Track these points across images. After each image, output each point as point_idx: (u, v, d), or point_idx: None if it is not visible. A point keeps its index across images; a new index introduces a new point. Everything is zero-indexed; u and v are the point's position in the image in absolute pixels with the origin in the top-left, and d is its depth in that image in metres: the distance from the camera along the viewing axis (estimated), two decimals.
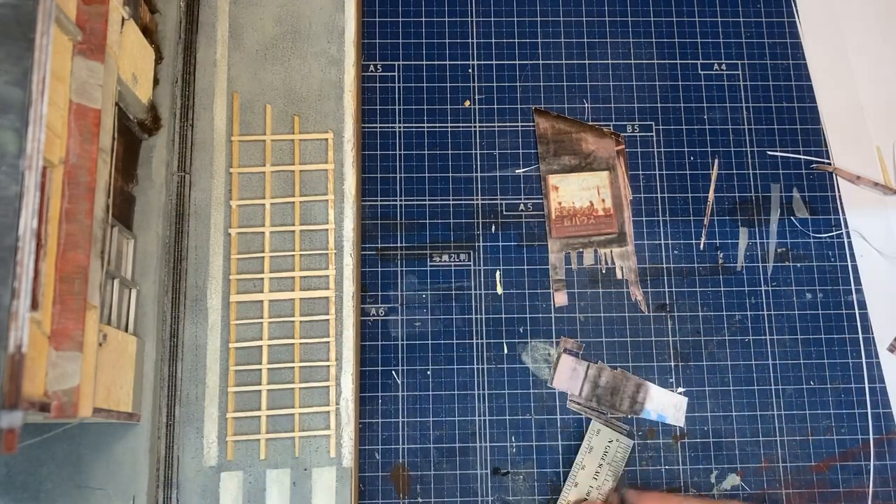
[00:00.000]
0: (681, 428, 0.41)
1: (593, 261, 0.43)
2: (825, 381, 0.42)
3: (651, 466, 0.41)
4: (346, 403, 0.39)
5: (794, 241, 0.44)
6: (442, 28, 0.46)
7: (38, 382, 0.27)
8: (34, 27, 0.25)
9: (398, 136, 0.44)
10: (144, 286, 0.38)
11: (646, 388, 0.41)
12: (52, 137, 0.28)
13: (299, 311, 0.40)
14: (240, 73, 0.42)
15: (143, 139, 0.39)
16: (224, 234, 0.40)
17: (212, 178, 0.41)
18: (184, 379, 0.39)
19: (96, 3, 0.31)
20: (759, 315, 0.43)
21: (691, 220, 0.44)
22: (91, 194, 0.29)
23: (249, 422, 0.38)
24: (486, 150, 0.44)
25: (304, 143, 0.41)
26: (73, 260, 0.29)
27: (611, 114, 0.45)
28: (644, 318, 0.43)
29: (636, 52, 0.46)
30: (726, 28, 0.47)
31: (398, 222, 0.43)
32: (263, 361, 0.39)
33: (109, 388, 0.33)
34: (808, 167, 0.45)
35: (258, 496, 0.37)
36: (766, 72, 0.46)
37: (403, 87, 0.45)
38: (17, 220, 0.24)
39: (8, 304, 0.24)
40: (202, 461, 0.38)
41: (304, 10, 0.43)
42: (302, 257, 0.40)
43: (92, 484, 0.35)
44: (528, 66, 0.46)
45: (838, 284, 0.43)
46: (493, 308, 0.42)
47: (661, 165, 0.45)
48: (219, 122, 0.41)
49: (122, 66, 0.34)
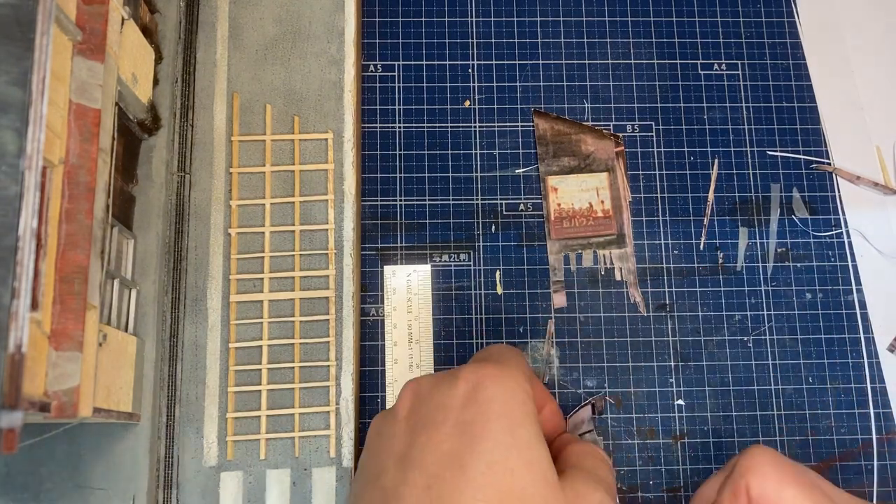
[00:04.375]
0: (681, 428, 0.41)
1: (592, 262, 0.43)
2: (825, 381, 0.42)
3: (651, 466, 0.41)
4: (346, 403, 0.39)
5: (794, 241, 0.44)
6: (442, 28, 0.46)
7: (38, 382, 0.27)
8: (34, 27, 0.25)
9: (398, 136, 0.44)
10: (144, 286, 0.38)
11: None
12: (52, 137, 0.28)
13: (299, 311, 0.40)
14: (240, 73, 0.42)
15: (143, 139, 0.39)
16: (224, 234, 0.40)
17: (212, 178, 0.41)
18: (184, 379, 0.39)
19: (96, 3, 0.31)
20: (759, 315, 0.43)
21: (691, 220, 0.44)
22: (91, 194, 0.29)
23: (249, 422, 0.38)
24: (485, 150, 0.44)
25: (304, 143, 0.41)
26: (73, 260, 0.29)
27: (611, 114, 0.45)
28: (644, 318, 0.43)
29: (636, 52, 0.46)
30: (726, 28, 0.47)
31: (398, 222, 0.43)
32: (263, 361, 0.39)
33: (109, 388, 0.33)
34: (808, 167, 0.45)
35: (258, 496, 0.37)
36: (766, 72, 0.46)
37: (403, 87, 0.45)
38: (17, 220, 0.24)
39: (8, 304, 0.24)
40: (202, 461, 0.38)
41: (304, 10, 0.43)
42: (302, 257, 0.40)
43: (92, 484, 0.35)
44: (528, 66, 0.46)
45: (838, 284, 0.43)
46: (493, 308, 0.42)
47: (660, 165, 0.45)
48: (219, 122, 0.41)
49: (122, 66, 0.34)
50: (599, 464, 0.31)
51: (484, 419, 0.28)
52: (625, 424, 0.41)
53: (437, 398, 0.29)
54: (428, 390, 0.30)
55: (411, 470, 0.28)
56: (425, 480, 0.27)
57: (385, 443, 0.30)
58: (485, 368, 0.30)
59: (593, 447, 0.33)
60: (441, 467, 0.27)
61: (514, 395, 0.29)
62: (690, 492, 0.41)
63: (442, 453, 0.28)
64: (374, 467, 0.30)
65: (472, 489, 0.27)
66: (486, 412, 0.28)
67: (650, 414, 0.41)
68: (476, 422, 0.28)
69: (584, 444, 0.33)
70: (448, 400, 0.29)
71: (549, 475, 0.28)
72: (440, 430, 0.28)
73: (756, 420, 0.42)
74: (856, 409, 0.42)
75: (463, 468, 0.27)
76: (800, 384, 0.42)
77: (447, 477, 0.27)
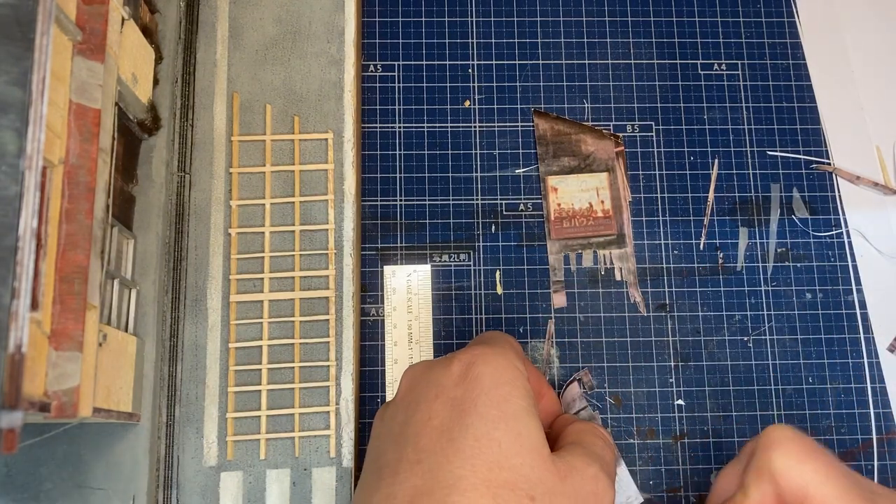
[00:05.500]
0: (681, 428, 0.41)
1: (592, 262, 0.43)
2: (825, 381, 0.42)
3: (651, 466, 0.41)
4: (346, 403, 0.39)
5: (794, 241, 0.44)
6: (442, 28, 0.46)
7: (38, 382, 0.27)
8: (34, 27, 0.25)
9: (398, 136, 0.44)
10: (144, 286, 0.38)
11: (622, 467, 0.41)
12: (52, 137, 0.28)
13: (299, 311, 0.40)
14: (240, 73, 0.42)
15: (143, 139, 0.39)
16: (224, 234, 0.40)
17: (212, 178, 0.41)
18: (184, 379, 0.39)
19: (96, 3, 0.31)
20: (759, 315, 0.43)
21: (691, 220, 0.44)
22: (91, 194, 0.29)
23: (249, 422, 0.38)
24: (485, 150, 0.44)
25: (304, 143, 0.41)
26: (73, 260, 0.29)
27: (610, 114, 0.45)
28: (644, 318, 0.43)
29: (636, 52, 0.46)
30: (726, 28, 0.47)
31: (398, 222, 0.43)
32: (263, 361, 0.39)
33: (109, 388, 0.33)
34: (808, 167, 0.45)
35: (258, 496, 0.37)
36: (766, 72, 0.46)
37: (403, 87, 0.45)
38: (17, 220, 0.24)
39: (8, 304, 0.24)
40: (202, 461, 0.38)
41: (304, 10, 0.43)
42: (302, 257, 0.40)
43: (92, 484, 0.35)
44: (528, 66, 0.46)
45: (838, 284, 0.43)
46: (493, 308, 0.42)
47: (660, 165, 0.45)
48: (219, 122, 0.41)
49: (122, 66, 0.34)
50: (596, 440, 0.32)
51: (473, 395, 0.29)
52: (625, 424, 0.41)
53: (432, 378, 0.30)
54: (422, 372, 0.31)
55: (405, 446, 0.28)
56: (417, 455, 0.28)
57: (385, 426, 0.31)
58: (477, 349, 0.30)
59: (592, 425, 0.34)
60: (432, 441, 0.28)
61: (503, 371, 0.29)
62: (690, 492, 0.41)
63: (432, 428, 0.28)
64: (376, 450, 0.31)
65: (460, 460, 0.27)
66: (476, 388, 0.29)
67: (650, 414, 0.41)
68: (466, 398, 0.29)
69: (582, 423, 0.34)
70: (442, 379, 0.30)
71: (539, 447, 0.28)
72: (432, 407, 0.29)
73: (756, 420, 0.42)
74: (856, 409, 0.42)
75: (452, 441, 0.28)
76: (800, 384, 0.42)
77: (437, 450, 0.27)
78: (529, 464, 0.27)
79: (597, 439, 0.32)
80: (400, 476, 0.27)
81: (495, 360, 0.30)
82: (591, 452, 0.30)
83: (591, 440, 0.32)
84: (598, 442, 0.32)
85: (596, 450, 0.31)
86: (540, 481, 0.27)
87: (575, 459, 0.29)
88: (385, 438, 0.30)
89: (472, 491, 0.26)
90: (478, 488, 0.26)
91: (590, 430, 0.33)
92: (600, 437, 0.32)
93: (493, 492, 0.26)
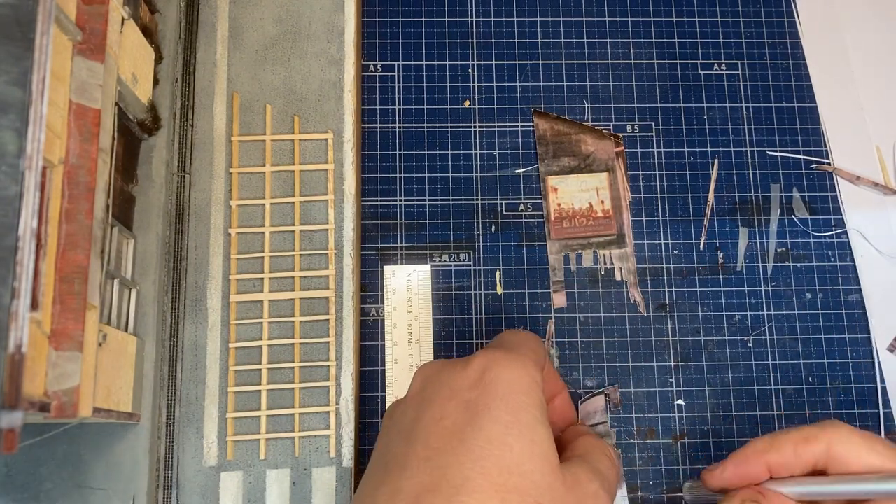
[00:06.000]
0: (681, 428, 0.41)
1: (592, 262, 0.43)
2: (825, 381, 0.42)
3: (651, 466, 0.41)
4: (346, 403, 0.39)
5: (794, 241, 0.44)
6: (442, 28, 0.46)
7: (38, 382, 0.27)
8: (34, 27, 0.25)
9: (398, 136, 0.44)
10: (144, 286, 0.38)
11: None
12: (52, 137, 0.28)
13: (299, 311, 0.40)
14: (240, 73, 0.42)
15: (143, 139, 0.39)
16: (224, 234, 0.40)
17: (212, 178, 0.41)
18: (184, 379, 0.39)
19: (96, 3, 0.31)
20: (759, 315, 0.43)
21: (691, 220, 0.44)
22: (91, 194, 0.29)
23: (249, 422, 0.38)
24: (486, 150, 0.44)
25: (303, 143, 0.41)
26: (73, 260, 0.29)
27: (610, 114, 0.45)
28: (644, 318, 0.43)
29: (636, 52, 0.46)
30: (726, 28, 0.47)
31: (398, 222, 0.43)
32: (263, 361, 0.39)
33: (109, 388, 0.33)
34: (808, 167, 0.45)
35: (258, 496, 0.37)
36: (766, 72, 0.46)
37: (403, 87, 0.45)
38: (17, 220, 0.24)
39: (8, 304, 0.24)
40: (202, 461, 0.38)
41: (304, 10, 0.43)
42: (302, 257, 0.40)
43: (92, 484, 0.35)
44: (528, 66, 0.46)
45: (838, 284, 0.43)
46: (493, 308, 0.42)
47: (660, 165, 0.45)
48: (219, 122, 0.41)
49: (122, 66, 0.34)
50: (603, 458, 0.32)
51: (487, 398, 0.29)
52: (625, 424, 0.41)
53: (446, 379, 0.30)
54: (437, 372, 0.31)
55: (415, 443, 0.28)
56: (426, 453, 0.28)
57: (395, 422, 0.31)
58: (494, 353, 0.30)
59: (602, 442, 0.33)
60: (442, 440, 0.28)
61: (519, 380, 0.29)
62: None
63: (444, 428, 0.28)
64: (384, 445, 0.31)
65: (470, 461, 0.27)
66: (490, 392, 0.29)
67: (650, 414, 0.41)
68: (480, 401, 0.29)
69: (594, 439, 0.34)
70: (457, 381, 0.30)
71: (550, 456, 0.28)
72: (445, 407, 0.29)
73: (756, 420, 0.42)
74: (856, 409, 0.42)
75: (463, 441, 0.28)
76: (800, 384, 0.42)
77: (447, 450, 0.27)
78: (540, 471, 0.27)
79: (604, 458, 0.32)
80: (407, 472, 0.27)
81: (511, 367, 0.30)
82: (595, 469, 0.30)
83: (598, 457, 0.31)
84: (606, 461, 0.32)
85: (601, 467, 0.31)
86: (549, 489, 0.27)
87: (581, 473, 0.29)
88: (394, 434, 0.30)
89: (480, 493, 0.26)
90: (486, 490, 0.26)
91: (599, 446, 0.33)
92: (608, 457, 0.32)
93: (501, 496, 0.26)
